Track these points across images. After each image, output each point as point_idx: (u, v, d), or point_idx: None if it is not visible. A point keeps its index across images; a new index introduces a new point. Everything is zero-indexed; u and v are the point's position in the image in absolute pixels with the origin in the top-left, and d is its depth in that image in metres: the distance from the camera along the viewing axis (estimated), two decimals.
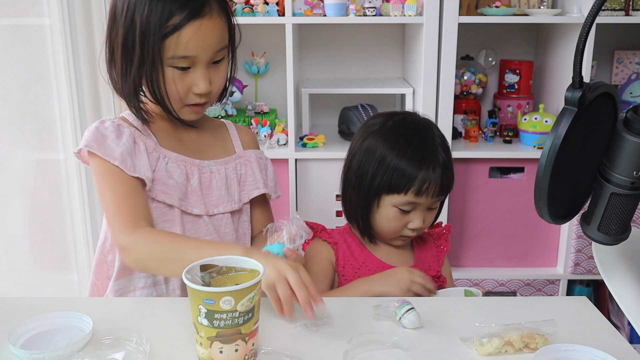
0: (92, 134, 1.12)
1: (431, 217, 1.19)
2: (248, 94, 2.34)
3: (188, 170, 1.17)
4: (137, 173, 1.09)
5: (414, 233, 1.17)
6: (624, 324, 2.14)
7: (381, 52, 2.38)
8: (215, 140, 1.26)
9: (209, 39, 1.06)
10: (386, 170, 1.13)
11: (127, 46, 1.06)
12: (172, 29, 1.03)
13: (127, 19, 1.04)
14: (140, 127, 1.16)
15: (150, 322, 0.96)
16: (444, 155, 1.15)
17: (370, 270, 1.19)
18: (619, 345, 0.90)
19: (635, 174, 0.77)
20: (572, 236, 2.07)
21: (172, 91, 1.08)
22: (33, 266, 1.85)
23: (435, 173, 1.12)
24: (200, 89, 1.09)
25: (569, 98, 0.74)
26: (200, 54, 1.06)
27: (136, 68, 1.06)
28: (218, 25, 1.08)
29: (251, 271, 0.87)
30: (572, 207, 0.84)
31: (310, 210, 2.09)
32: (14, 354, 0.86)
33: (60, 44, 1.81)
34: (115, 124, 1.14)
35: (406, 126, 1.17)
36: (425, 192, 1.12)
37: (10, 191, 1.73)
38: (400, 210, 1.14)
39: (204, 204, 1.18)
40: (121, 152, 1.09)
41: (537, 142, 2.06)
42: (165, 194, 1.13)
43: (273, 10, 1.99)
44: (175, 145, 1.18)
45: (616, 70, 2.29)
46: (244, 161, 1.25)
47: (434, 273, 1.21)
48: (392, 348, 0.87)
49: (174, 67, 1.07)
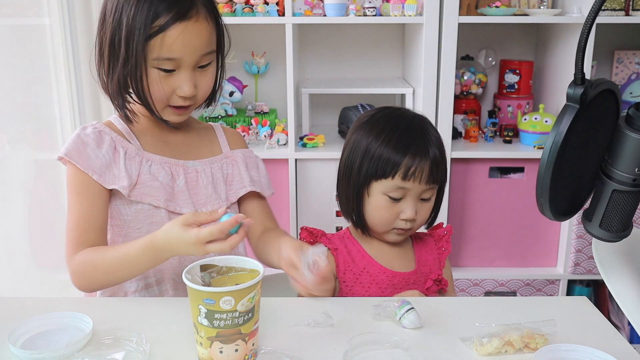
0: (72, 142, 1.13)
1: (425, 210, 1.17)
2: (248, 94, 2.34)
3: (173, 171, 1.17)
4: (114, 184, 1.11)
5: (407, 225, 1.15)
6: (624, 324, 2.14)
7: (381, 52, 2.38)
8: (201, 141, 1.26)
9: (194, 42, 1.07)
10: (372, 157, 1.13)
11: (113, 45, 1.07)
12: (157, 30, 1.04)
13: (115, 18, 1.06)
14: (124, 131, 1.17)
15: (150, 322, 0.96)
16: (433, 145, 1.14)
17: (371, 276, 1.18)
18: (619, 345, 0.90)
19: (637, 171, 0.77)
20: (572, 236, 2.07)
21: (155, 92, 1.09)
22: (33, 266, 1.84)
23: (422, 157, 1.11)
24: (184, 92, 1.09)
25: (571, 95, 0.74)
26: (185, 57, 1.07)
27: (121, 67, 1.07)
28: (204, 30, 1.08)
29: (251, 271, 0.87)
30: (574, 204, 0.84)
31: (310, 211, 2.09)
32: (14, 354, 0.86)
33: (60, 44, 1.81)
34: (97, 131, 1.15)
35: (394, 117, 1.17)
36: (412, 176, 1.11)
37: (10, 191, 1.73)
38: (390, 199, 1.13)
39: (192, 203, 1.18)
40: (100, 164, 1.11)
41: (537, 142, 2.06)
42: (151, 196, 1.14)
43: (273, 10, 1.99)
44: (160, 148, 1.19)
45: (616, 70, 2.29)
46: (230, 161, 1.26)
47: (435, 277, 1.20)
48: (392, 348, 0.87)
49: (158, 69, 1.07)
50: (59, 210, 1.92)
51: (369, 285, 1.18)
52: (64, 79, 1.83)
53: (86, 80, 1.86)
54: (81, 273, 1.08)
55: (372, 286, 1.17)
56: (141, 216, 1.15)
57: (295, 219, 2.08)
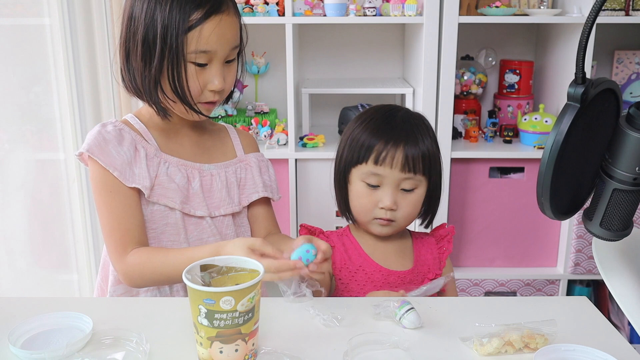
0: (94, 138, 1.14)
1: (407, 202, 1.15)
2: (248, 94, 2.34)
3: (189, 173, 1.19)
4: (135, 183, 1.12)
5: (386, 215, 1.14)
6: (624, 324, 2.14)
7: (381, 52, 2.38)
8: (215, 143, 1.28)
9: (227, 34, 1.10)
10: (351, 143, 1.15)
11: (147, 43, 1.08)
12: (194, 23, 1.07)
13: (147, 16, 1.08)
14: (142, 131, 1.18)
15: (150, 322, 0.96)
16: (415, 134, 1.13)
17: (367, 274, 1.18)
18: (619, 345, 0.89)
19: (637, 170, 0.77)
20: (572, 236, 2.07)
21: (192, 86, 1.11)
22: (33, 266, 1.85)
23: (395, 143, 1.11)
24: (215, 86, 1.12)
25: (572, 94, 0.74)
26: (219, 50, 1.10)
27: (157, 64, 1.08)
28: (234, 23, 1.13)
29: (251, 271, 0.87)
30: (575, 203, 0.84)
31: (310, 210, 2.09)
32: (14, 354, 0.86)
33: (60, 44, 1.81)
34: (117, 129, 1.16)
35: (386, 110, 1.19)
36: (383, 161, 1.11)
37: (10, 191, 1.73)
38: (367, 185, 1.14)
39: (207, 206, 1.20)
40: (121, 161, 1.12)
41: (537, 142, 2.06)
42: (167, 197, 1.15)
43: (273, 10, 1.99)
44: (176, 150, 1.20)
45: (616, 70, 2.29)
46: (244, 165, 1.27)
47: (432, 276, 1.20)
48: (392, 348, 0.87)
49: (193, 63, 1.09)
50: (59, 210, 1.93)
51: (364, 283, 1.18)
52: (64, 79, 1.83)
53: (86, 80, 1.86)
54: (136, 274, 1.10)
55: (367, 284, 1.18)
56: (157, 217, 1.17)
57: (295, 219, 2.08)
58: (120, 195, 1.12)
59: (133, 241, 1.11)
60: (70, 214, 1.94)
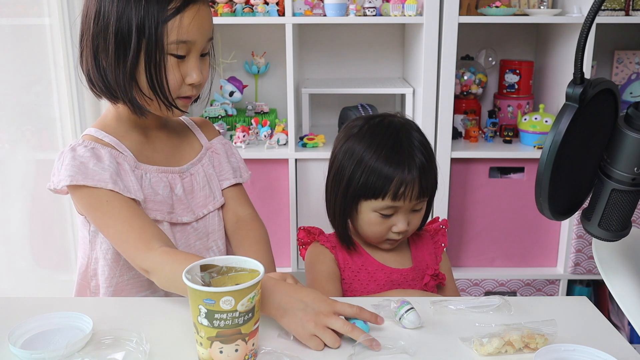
0: (70, 165, 1.06)
1: (417, 219, 1.17)
2: (248, 94, 2.34)
3: (170, 180, 1.17)
4: (130, 194, 1.07)
5: (399, 237, 1.16)
6: (624, 324, 2.14)
7: (381, 52, 2.38)
8: (182, 140, 1.25)
9: (205, 24, 1.08)
10: (361, 174, 1.12)
11: (120, 36, 1.03)
12: (173, 11, 1.03)
13: (119, 9, 1.02)
14: (115, 144, 1.11)
15: (150, 322, 0.96)
16: (421, 157, 1.12)
17: (369, 273, 1.18)
18: (619, 345, 0.90)
19: (635, 170, 0.77)
20: (572, 236, 2.07)
21: (171, 80, 1.07)
22: (33, 266, 1.84)
23: (411, 175, 1.10)
24: (193, 79, 1.08)
25: (570, 94, 0.73)
26: (198, 40, 1.07)
27: (133, 58, 1.03)
28: (210, 13, 1.10)
29: (251, 271, 0.87)
30: (573, 204, 0.84)
31: (310, 210, 2.09)
32: (14, 354, 0.86)
33: (60, 44, 1.81)
34: (89, 148, 1.08)
35: (382, 128, 1.15)
36: (402, 196, 1.10)
37: (10, 191, 1.73)
38: (381, 215, 1.14)
39: (192, 210, 1.19)
40: (110, 174, 1.06)
41: (537, 142, 2.06)
42: (155, 211, 1.13)
43: (273, 10, 1.99)
44: (152, 156, 1.16)
45: (616, 70, 2.29)
46: (212, 152, 1.26)
47: (431, 272, 1.21)
48: (399, 353, 0.86)
49: (172, 55, 1.05)
50: (59, 210, 1.92)
51: (367, 283, 1.18)
52: (64, 79, 1.83)
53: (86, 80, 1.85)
54: (162, 263, 1.01)
55: (370, 283, 1.18)
56: None
57: (295, 219, 2.08)
58: (120, 202, 1.06)
59: (154, 237, 1.03)
60: (70, 214, 1.93)
